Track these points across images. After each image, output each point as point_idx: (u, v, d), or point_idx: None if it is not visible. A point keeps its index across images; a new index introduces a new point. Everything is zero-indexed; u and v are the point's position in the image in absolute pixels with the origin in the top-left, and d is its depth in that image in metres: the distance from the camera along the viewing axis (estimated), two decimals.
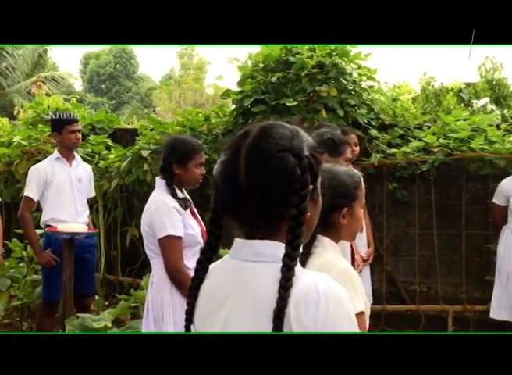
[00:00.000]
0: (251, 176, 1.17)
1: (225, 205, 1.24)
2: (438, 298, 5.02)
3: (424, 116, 5.43)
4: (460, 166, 4.90)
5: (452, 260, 5.05)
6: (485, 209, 4.91)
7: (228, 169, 1.21)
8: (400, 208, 5.14)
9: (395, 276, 5.16)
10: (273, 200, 1.17)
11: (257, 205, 1.18)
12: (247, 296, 1.19)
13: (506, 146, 4.64)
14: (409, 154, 4.82)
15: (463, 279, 4.97)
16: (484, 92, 9.23)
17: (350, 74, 4.94)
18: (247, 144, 1.20)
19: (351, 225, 1.94)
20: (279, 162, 1.18)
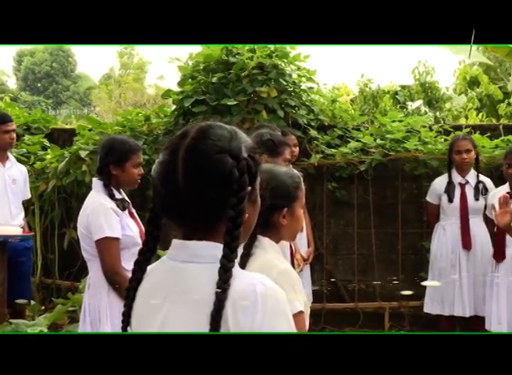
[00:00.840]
0: (189, 177, 1.17)
1: (163, 205, 1.24)
2: (375, 295, 5.14)
3: (362, 118, 5.56)
4: (395, 166, 5.05)
5: (389, 258, 5.19)
6: (419, 208, 5.08)
7: (166, 169, 1.21)
8: (340, 207, 5.24)
9: (335, 274, 5.25)
10: (211, 201, 1.18)
11: (194, 207, 1.18)
12: (185, 298, 1.19)
13: (438, 147, 4.81)
14: (347, 154, 4.92)
15: (399, 276, 5.12)
16: (418, 95, 9.54)
17: (289, 75, 5.00)
18: (184, 145, 1.20)
19: (291, 225, 1.96)
20: (217, 164, 1.18)
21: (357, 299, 5.15)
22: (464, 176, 4.50)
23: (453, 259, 4.45)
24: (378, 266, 5.16)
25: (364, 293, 5.21)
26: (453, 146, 4.49)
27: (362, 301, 5.15)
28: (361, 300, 5.15)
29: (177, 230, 1.25)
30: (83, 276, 4.58)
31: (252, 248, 1.87)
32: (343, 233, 5.27)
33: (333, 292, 5.26)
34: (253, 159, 1.24)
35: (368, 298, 5.16)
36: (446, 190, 4.51)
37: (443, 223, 4.57)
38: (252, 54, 4.90)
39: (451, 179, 4.52)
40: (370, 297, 5.16)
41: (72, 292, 4.68)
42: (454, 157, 4.47)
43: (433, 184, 4.65)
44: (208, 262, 1.18)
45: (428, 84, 9.42)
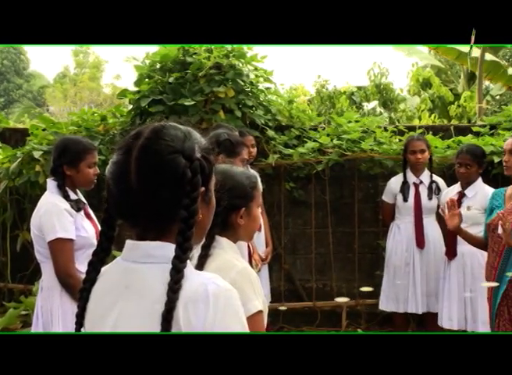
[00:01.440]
0: (142, 177, 1.17)
1: (117, 206, 1.23)
2: (333, 294, 5.20)
3: (318, 118, 5.61)
4: (352, 166, 5.11)
5: (346, 257, 5.25)
6: (375, 207, 5.16)
7: (119, 169, 1.20)
8: (297, 207, 5.28)
9: (293, 274, 5.29)
10: (164, 202, 1.18)
11: (147, 207, 1.18)
12: (137, 299, 1.18)
13: (393, 147, 4.89)
14: (305, 154, 4.95)
15: (356, 274, 5.19)
16: (373, 95, 9.71)
17: (247, 75, 5.00)
18: (138, 146, 1.20)
19: (249, 225, 1.97)
20: (170, 164, 1.18)
21: (315, 298, 5.20)
22: (418, 176, 4.59)
23: (407, 257, 4.53)
24: (336, 264, 5.22)
25: (321, 292, 5.26)
26: (407, 146, 4.57)
27: (319, 300, 5.20)
28: (319, 299, 5.20)
29: (130, 231, 1.24)
30: (37, 279, 4.48)
31: (210, 249, 1.87)
32: (300, 233, 5.31)
33: (292, 291, 5.29)
34: (206, 160, 1.24)
35: (326, 297, 5.21)
36: (401, 189, 4.59)
37: (398, 222, 4.64)
38: (209, 54, 4.89)
39: (406, 179, 4.61)
40: (327, 295, 5.22)
41: (25, 295, 4.56)
42: (409, 157, 4.55)
43: (389, 184, 4.73)
44: (161, 263, 1.18)
45: (383, 86, 9.61)
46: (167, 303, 1.12)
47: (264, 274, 4.47)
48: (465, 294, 4.08)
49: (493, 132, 5.05)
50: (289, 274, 5.28)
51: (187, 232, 1.17)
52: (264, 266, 4.44)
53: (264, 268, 4.45)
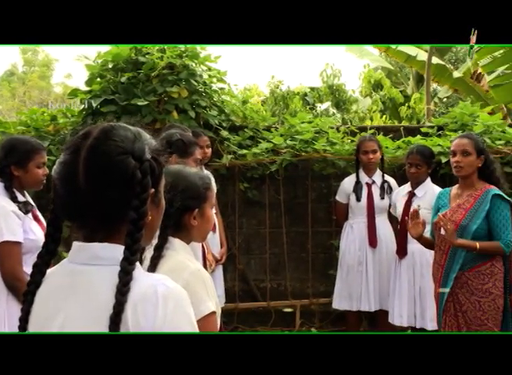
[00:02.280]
0: (90, 178, 1.15)
1: (64, 206, 1.21)
2: (287, 293, 5.23)
3: (272, 118, 5.63)
4: (305, 167, 5.15)
5: (299, 257, 5.29)
6: (328, 207, 5.21)
7: (67, 170, 1.18)
8: (251, 207, 5.29)
9: (247, 274, 5.30)
10: (112, 203, 1.16)
11: (95, 208, 1.16)
12: (84, 301, 1.16)
13: (345, 147, 4.96)
14: (258, 155, 4.97)
15: (309, 274, 5.24)
16: (326, 96, 9.82)
17: (200, 76, 4.98)
18: (86, 146, 1.18)
19: (202, 226, 1.96)
20: (119, 165, 1.16)
21: (269, 298, 5.22)
22: (370, 176, 4.66)
23: (360, 256, 4.59)
24: (290, 264, 5.25)
25: (275, 291, 5.28)
26: (359, 147, 4.64)
27: (274, 300, 5.22)
28: (273, 299, 5.22)
29: (78, 232, 1.22)
30: None
31: (163, 250, 1.85)
32: (254, 233, 5.32)
33: (246, 291, 5.30)
34: (156, 161, 1.23)
35: (280, 297, 5.24)
36: (354, 189, 4.65)
37: (351, 221, 4.70)
38: (162, 54, 4.85)
39: (359, 179, 4.67)
40: (281, 295, 5.25)
41: None
42: (361, 157, 4.62)
43: (342, 184, 4.79)
44: (109, 265, 1.16)
45: (335, 87, 9.73)
46: (115, 306, 1.10)
47: (219, 275, 4.47)
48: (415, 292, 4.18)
49: (440, 133, 5.19)
50: (244, 274, 5.29)
51: (136, 234, 1.15)
52: (219, 267, 4.43)
53: (219, 268, 4.44)
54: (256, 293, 5.29)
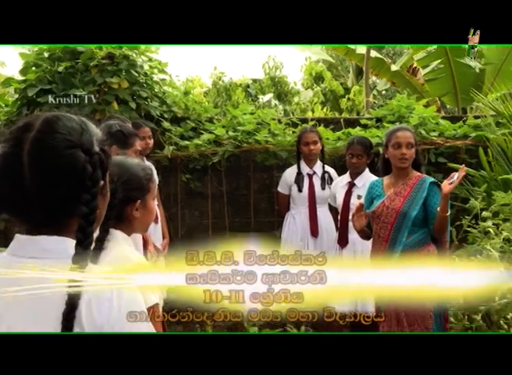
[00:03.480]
0: (37, 173, 1.11)
1: (5, 201, 1.16)
2: None
3: (214, 110, 5.62)
4: (247, 158, 5.18)
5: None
6: (271, 198, 5.26)
7: (8, 163, 1.13)
8: (194, 198, 5.28)
9: None
10: (61, 198, 1.13)
11: (43, 203, 1.12)
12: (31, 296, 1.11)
13: (287, 139, 5.02)
14: (201, 146, 4.96)
15: None
16: (268, 88, 9.87)
17: (141, 66, 4.92)
18: (30, 139, 1.13)
19: (144, 217, 1.95)
20: (68, 160, 1.13)
21: None
22: (311, 167, 4.72)
23: (302, 246, 4.63)
24: None
25: None
26: (300, 138, 4.69)
27: None
28: None
29: (20, 226, 1.18)
30: None
31: (104, 242, 1.83)
32: (197, 224, 5.31)
33: None
34: (105, 153, 1.20)
35: None
36: (295, 180, 4.70)
37: (293, 212, 4.75)
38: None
39: (300, 170, 4.72)
40: None
41: None
42: (302, 148, 4.67)
43: (283, 175, 4.83)
44: (60, 258, 1.13)
45: (277, 79, 9.80)
46: (67, 302, 1.08)
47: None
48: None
49: (379, 125, 5.32)
50: None
51: (88, 228, 1.13)
52: (161, 258, 4.40)
53: (161, 260, 4.41)
54: None
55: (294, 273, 1.48)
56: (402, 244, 3.37)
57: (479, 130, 5.12)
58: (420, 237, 3.39)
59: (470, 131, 5.15)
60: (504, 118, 5.08)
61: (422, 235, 3.40)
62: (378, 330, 3.49)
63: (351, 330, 4.54)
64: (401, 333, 3.26)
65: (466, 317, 3.70)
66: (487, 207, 4.18)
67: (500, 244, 3.74)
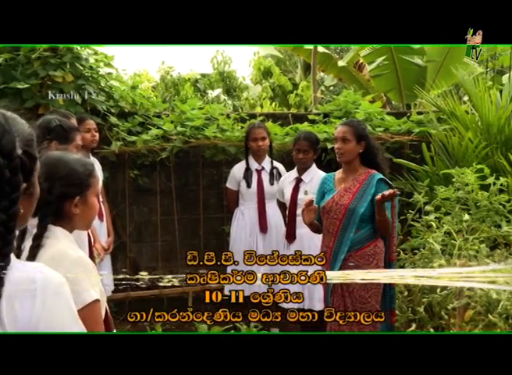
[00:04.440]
0: None
1: None
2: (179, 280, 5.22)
3: (163, 105, 5.56)
4: (196, 153, 5.16)
5: (191, 243, 5.30)
6: (220, 193, 5.26)
7: None
8: (142, 195, 5.22)
9: (139, 262, 5.23)
10: None
11: None
12: None
13: (235, 134, 5.01)
14: (149, 141, 4.90)
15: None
16: (217, 83, 9.84)
17: (86, 60, 4.80)
18: None
19: (85, 214, 1.91)
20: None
21: (161, 286, 5.18)
22: (260, 163, 4.74)
23: (251, 242, 4.66)
24: (182, 251, 5.25)
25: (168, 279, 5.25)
26: (249, 134, 4.70)
27: (166, 287, 5.20)
28: (165, 286, 5.19)
29: None
30: None
31: (42, 239, 1.79)
32: (146, 221, 5.26)
33: (138, 280, 5.22)
34: (28, 155, 1.13)
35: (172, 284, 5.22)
36: (244, 176, 4.71)
37: (242, 207, 4.77)
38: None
39: (248, 165, 4.74)
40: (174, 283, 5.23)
41: None
42: (251, 144, 4.68)
43: (232, 171, 4.83)
44: None
45: (226, 74, 9.77)
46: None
47: (107, 264, 4.38)
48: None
49: (326, 120, 5.39)
50: (135, 263, 5.22)
51: (8, 236, 1.08)
52: (107, 256, 4.34)
53: (107, 257, 4.35)
54: (148, 281, 5.24)
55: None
56: (350, 240, 3.42)
57: (422, 126, 5.26)
58: (367, 232, 3.44)
59: (413, 127, 5.28)
60: (445, 114, 5.24)
61: (370, 230, 3.45)
62: (326, 329, 3.53)
63: (302, 329, 4.61)
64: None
65: (410, 309, 3.81)
66: (430, 201, 4.31)
67: (441, 237, 3.86)
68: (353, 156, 3.51)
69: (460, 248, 3.79)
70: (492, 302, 3.42)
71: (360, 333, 3.37)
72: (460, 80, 5.59)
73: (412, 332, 3.45)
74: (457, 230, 3.95)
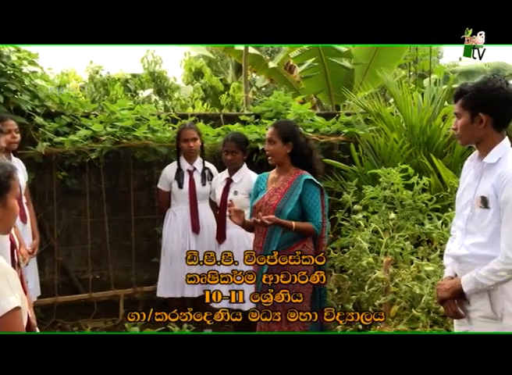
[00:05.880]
0: None
1: None
2: (110, 283, 5.14)
3: (91, 105, 5.44)
4: (127, 154, 5.08)
5: (123, 245, 5.22)
6: (151, 195, 5.19)
7: None
8: (71, 196, 5.09)
9: (67, 265, 5.10)
10: None
11: None
12: None
13: (166, 135, 4.97)
14: (77, 142, 4.78)
15: (133, 263, 5.20)
16: (148, 83, 9.72)
17: (8, 57, 4.63)
18: None
19: (4, 217, 1.85)
20: None
21: (92, 289, 5.08)
22: (191, 163, 4.72)
23: (183, 243, 4.64)
24: (112, 253, 5.16)
25: (98, 282, 5.16)
26: (180, 135, 4.68)
27: (97, 291, 5.10)
28: (96, 290, 5.10)
29: None
30: None
31: None
32: (75, 223, 5.14)
33: (66, 284, 5.10)
34: None
35: (103, 287, 5.13)
36: (175, 177, 4.68)
37: (174, 208, 4.73)
38: None
39: (180, 166, 4.71)
40: (105, 286, 5.14)
41: None
42: (182, 145, 4.66)
43: (163, 172, 4.79)
44: None
45: (157, 74, 9.66)
46: None
47: (33, 268, 4.26)
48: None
49: (258, 121, 5.44)
50: (64, 266, 5.09)
51: None
52: (33, 260, 4.22)
53: (33, 261, 4.23)
54: (77, 285, 5.12)
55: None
56: (277, 240, 3.46)
57: (350, 127, 5.40)
58: (295, 233, 3.48)
59: (342, 128, 5.41)
60: (372, 115, 5.41)
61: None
62: (256, 330, 3.57)
63: (234, 328, 4.63)
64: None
65: (339, 307, 3.91)
66: (358, 200, 4.44)
67: (369, 235, 3.99)
68: (281, 157, 3.56)
69: (386, 246, 3.93)
70: (415, 297, 3.56)
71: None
72: (385, 83, 5.77)
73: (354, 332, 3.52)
74: (384, 228, 4.09)
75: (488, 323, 2.40)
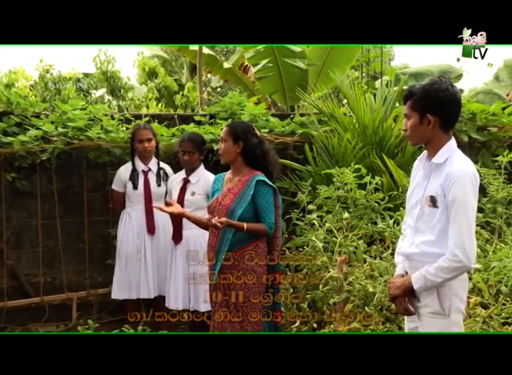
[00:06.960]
0: None
1: None
2: (63, 286, 5.04)
3: (42, 105, 5.32)
4: (79, 155, 4.99)
5: (76, 248, 5.13)
6: (105, 196, 5.12)
7: None
8: (21, 198, 4.98)
9: (17, 269, 4.97)
10: None
11: None
12: None
13: (120, 135, 4.91)
14: (27, 143, 4.68)
15: (86, 265, 5.11)
16: (101, 83, 9.58)
17: None
18: None
19: None
20: None
21: (43, 293, 4.97)
22: (146, 164, 4.69)
23: (138, 244, 4.60)
24: (65, 256, 5.06)
25: (50, 286, 5.05)
26: (134, 135, 4.64)
27: (48, 294, 4.99)
28: (48, 293, 4.99)
29: None
30: None
31: None
32: (25, 226, 5.02)
33: (16, 288, 4.97)
34: None
35: (55, 291, 5.02)
36: (130, 177, 4.64)
37: (129, 209, 4.68)
38: None
39: (135, 166, 4.67)
40: (57, 289, 5.04)
41: None
42: (136, 146, 4.62)
43: (118, 173, 4.74)
44: None
45: (110, 73, 9.52)
46: None
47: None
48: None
49: (212, 121, 5.43)
50: (13, 270, 4.96)
51: None
52: None
53: None
54: (28, 289, 5.00)
55: None
56: (229, 240, 3.46)
57: (305, 127, 5.46)
58: (247, 233, 3.46)
59: (297, 128, 5.46)
60: (325, 116, 5.48)
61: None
62: (209, 329, 3.57)
63: (190, 329, 4.61)
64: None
65: (294, 306, 3.95)
66: (313, 200, 4.50)
67: (323, 235, 4.04)
68: (232, 156, 3.56)
69: (340, 245, 3.99)
70: (368, 295, 3.63)
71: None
72: (338, 84, 5.85)
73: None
74: (338, 227, 4.15)
75: (437, 319, 2.48)
